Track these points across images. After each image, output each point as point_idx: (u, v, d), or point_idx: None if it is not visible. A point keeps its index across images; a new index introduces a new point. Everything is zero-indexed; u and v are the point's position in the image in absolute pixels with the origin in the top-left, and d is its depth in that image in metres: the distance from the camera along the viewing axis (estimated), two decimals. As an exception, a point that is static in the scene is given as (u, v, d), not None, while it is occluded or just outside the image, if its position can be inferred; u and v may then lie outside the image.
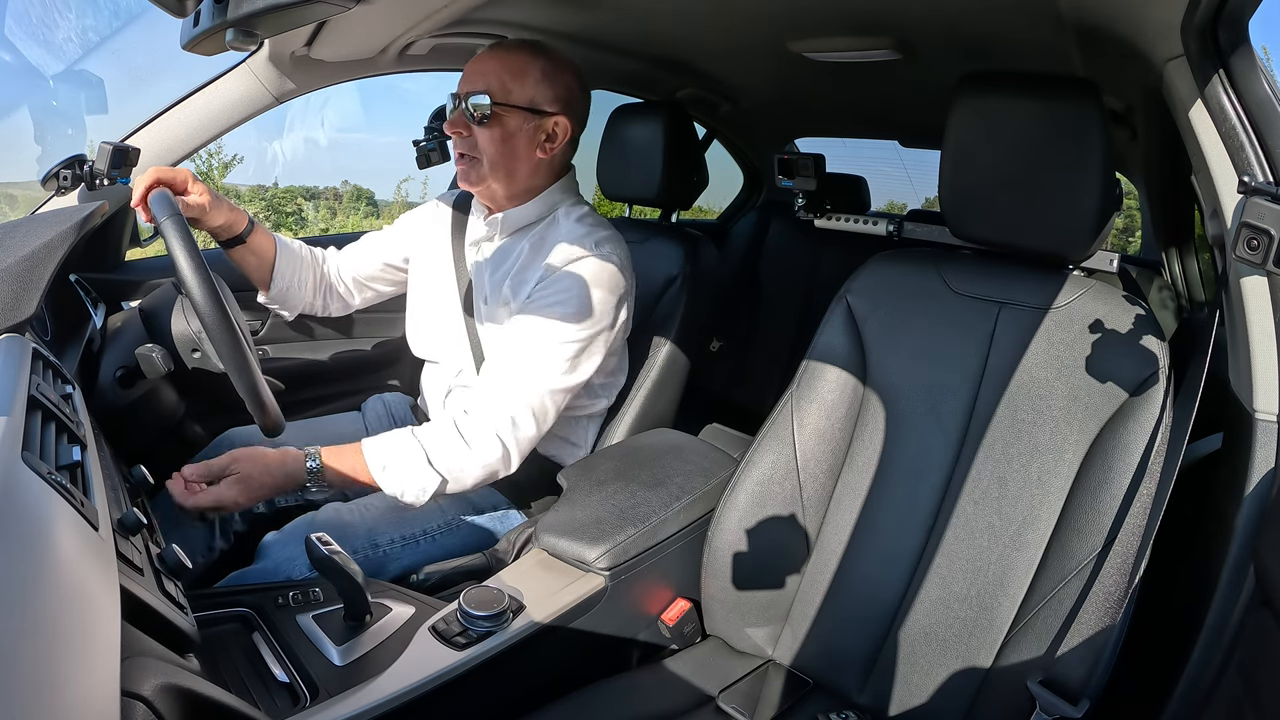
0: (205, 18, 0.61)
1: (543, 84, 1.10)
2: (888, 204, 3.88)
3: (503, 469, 1.07)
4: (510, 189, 1.15)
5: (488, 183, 1.13)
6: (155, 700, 0.43)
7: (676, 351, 1.36)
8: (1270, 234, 0.63)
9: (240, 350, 0.87)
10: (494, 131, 1.09)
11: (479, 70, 1.10)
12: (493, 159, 1.11)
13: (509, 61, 1.09)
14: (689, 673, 0.98)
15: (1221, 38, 0.74)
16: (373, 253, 1.34)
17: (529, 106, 1.09)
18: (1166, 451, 0.82)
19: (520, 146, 1.11)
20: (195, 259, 0.83)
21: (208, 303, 0.83)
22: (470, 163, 1.12)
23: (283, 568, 0.98)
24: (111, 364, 0.99)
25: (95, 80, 1.57)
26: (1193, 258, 1.55)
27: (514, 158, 1.12)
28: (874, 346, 1.03)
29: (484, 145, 1.10)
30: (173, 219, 0.85)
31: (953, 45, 1.26)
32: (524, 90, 1.09)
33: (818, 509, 1.03)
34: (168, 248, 0.84)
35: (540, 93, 1.10)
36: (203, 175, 5.88)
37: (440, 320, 1.26)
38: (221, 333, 0.85)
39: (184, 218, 0.87)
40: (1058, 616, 0.84)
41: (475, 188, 1.16)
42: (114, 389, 0.99)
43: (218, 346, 0.85)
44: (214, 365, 0.97)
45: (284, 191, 6.94)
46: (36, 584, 0.39)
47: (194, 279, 0.83)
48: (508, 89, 1.08)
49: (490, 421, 1.05)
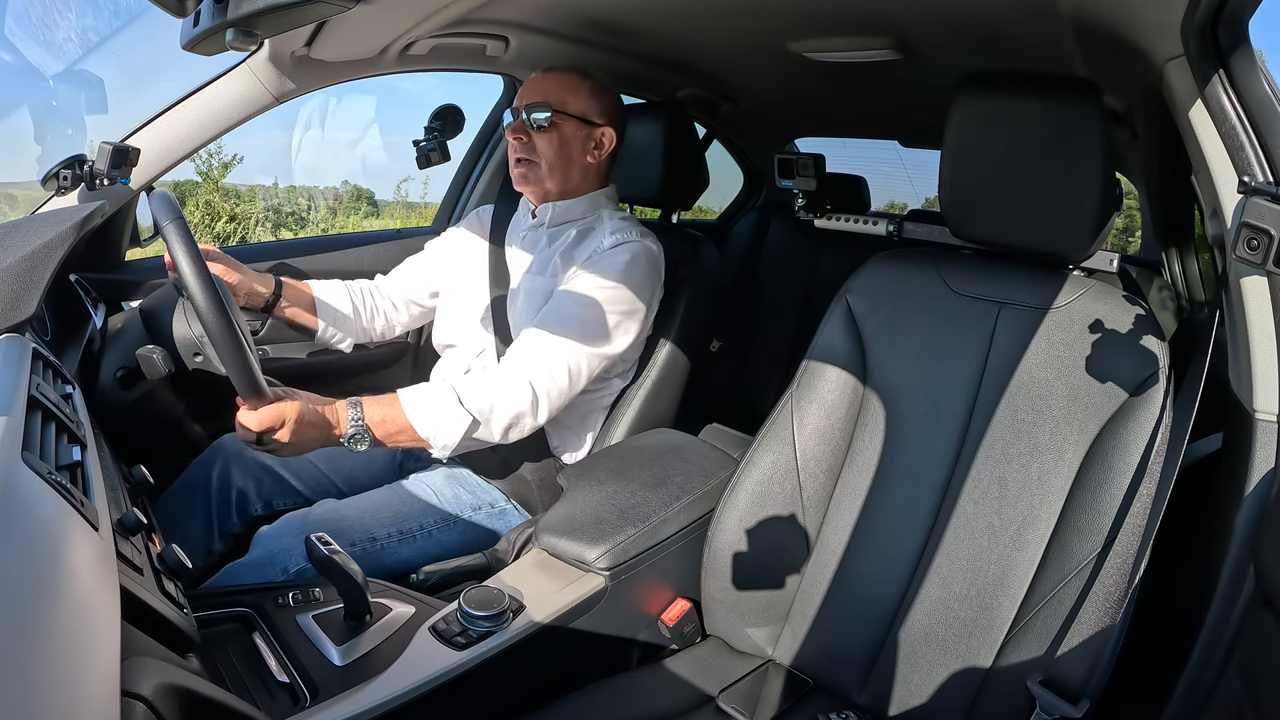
0: (205, 18, 0.61)
1: (592, 99, 1.25)
2: (888, 204, 3.88)
3: (530, 416, 1.10)
4: (563, 188, 1.28)
5: (544, 183, 1.26)
6: (155, 700, 0.43)
7: (676, 351, 1.36)
8: (1270, 234, 0.63)
9: (242, 354, 0.87)
10: (551, 136, 1.23)
11: (538, 87, 1.24)
12: (550, 161, 1.24)
13: (564, 80, 1.25)
14: (689, 673, 0.98)
15: (1221, 38, 0.74)
16: (415, 271, 1.42)
17: (581, 117, 1.24)
18: (1166, 451, 0.82)
19: (574, 151, 1.25)
20: (197, 262, 0.83)
21: (209, 307, 0.83)
22: (529, 166, 1.25)
23: (278, 558, 0.98)
24: (112, 365, 0.99)
25: (95, 80, 1.57)
26: (1193, 258, 1.55)
27: (569, 161, 1.25)
28: (874, 346, 1.03)
29: (542, 150, 1.23)
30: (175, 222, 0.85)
31: (953, 45, 1.26)
32: (577, 104, 1.24)
33: (818, 509, 1.03)
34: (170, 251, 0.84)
35: (590, 106, 1.25)
36: (203, 175, 5.89)
37: (468, 305, 1.32)
38: (223, 337, 0.85)
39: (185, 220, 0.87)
40: (1058, 616, 0.84)
41: (531, 188, 1.28)
42: (114, 389, 0.99)
43: (219, 351, 0.85)
44: (215, 368, 0.96)
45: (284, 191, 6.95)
46: (36, 584, 0.39)
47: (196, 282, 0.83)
48: (564, 101, 1.23)
49: (524, 366, 1.10)
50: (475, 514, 1.18)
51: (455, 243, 1.41)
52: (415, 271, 1.42)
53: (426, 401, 1.04)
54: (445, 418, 1.03)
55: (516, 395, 1.08)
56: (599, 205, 1.31)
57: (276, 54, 1.20)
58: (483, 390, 1.06)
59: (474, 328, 1.30)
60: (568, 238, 1.27)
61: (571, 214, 1.29)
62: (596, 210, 1.30)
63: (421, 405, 1.03)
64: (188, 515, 1.15)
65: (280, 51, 1.19)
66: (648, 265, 1.21)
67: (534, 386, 1.09)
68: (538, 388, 1.09)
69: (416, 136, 1.63)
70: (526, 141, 1.23)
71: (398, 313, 1.42)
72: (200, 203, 5.82)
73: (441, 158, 1.64)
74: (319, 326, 1.32)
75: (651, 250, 1.23)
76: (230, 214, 5.93)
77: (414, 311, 1.43)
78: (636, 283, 1.19)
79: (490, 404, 1.06)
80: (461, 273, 1.36)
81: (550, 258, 1.26)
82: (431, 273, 1.41)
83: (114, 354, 1.00)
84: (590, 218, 1.29)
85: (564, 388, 1.12)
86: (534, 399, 1.09)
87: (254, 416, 0.92)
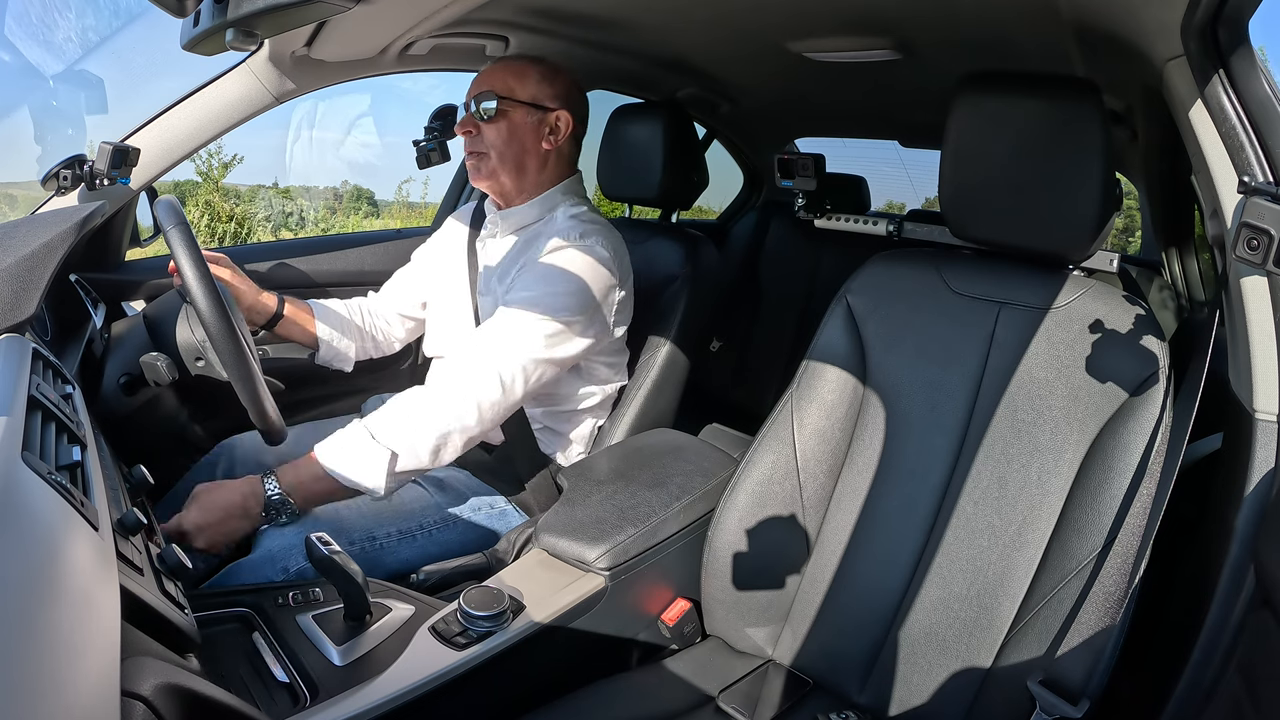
0: (205, 18, 0.61)
1: (542, 83, 1.21)
2: (887, 204, 3.88)
3: (459, 432, 1.05)
4: (520, 182, 1.23)
5: (498, 176, 1.22)
6: (155, 700, 0.43)
7: (676, 351, 1.36)
8: (1270, 234, 0.63)
9: (244, 360, 0.87)
10: (500, 126, 1.19)
11: (484, 77, 1.21)
12: (500, 152, 1.20)
13: (511, 67, 1.21)
14: (689, 673, 0.98)
15: (1221, 38, 0.74)
16: (403, 284, 1.42)
17: (532, 102, 1.20)
18: (1166, 451, 0.82)
19: (526, 139, 1.20)
20: (200, 268, 0.84)
21: (213, 312, 0.84)
22: (479, 158, 1.21)
23: (278, 557, 0.98)
24: (115, 371, 1.00)
25: (95, 80, 1.57)
26: (1193, 258, 1.54)
27: (522, 150, 1.21)
28: (874, 346, 1.03)
29: (491, 140, 1.19)
30: (179, 228, 0.85)
31: (953, 45, 1.26)
32: (526, 89, 1.20)
33: (818, 509, 1.03)
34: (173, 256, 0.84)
35: (541, 90, 1.20)
36: (203, 175, 5.90)
37: (450, 315, 1.30)
38: (226, 342, 0.85)
39: (189, 226, 0.87)
40: (1058, 616, 0.84)
41: (486, 182, 1.24)
42: (117, 396, 0.99)
43: (222, 356, 0.86)
44: (218, 374, 0.97)
45: (284, 191, 6.95)
46: (36, 584, 0.39)
47: (199, 288, 0.83)
48: (511, 88, 1.19)
49: (447, 383, 1.06)
50: (475, 514, 1.18)
51: (438, 250, 1.40)
52: (403, 285, 1.42)
53: (341, 449, 1.02)
54: (363, 459, 1.01)
55: (437, 415, 1.04)
56: (554, 204, 1.25)
57: (276, 54, 1.20)
58: (397, 420, 1.03)
59: (457, 337, 1.27)
60: (515, 248, 1.24)
61: (526, 218, 1.25)
62: (551, 210, 1.24)
63: (337, 454, 1.01)
64: None
65: (280, 51, 1.19)
66: (588, 269, 1.14)
67: (458, 400, 1.05)
68: (464, 401, 1.05)
69: (416, 136, 1.63)
70: (475, 134, 1.20)
71: (393, 328, 1.42)
72: (200, 203, 5.83)
73: (441, 158, 1.64)
74: (320, 348, 1.33)
75: (599, 249, 1.16)
76: (230, 214, 5.94)
77: (409, 325, 1.43)
78: (580, 284, 1.13)
79: (408, 432, 1.03)
80: (443, 281, 1.34)
81: (497, 270, 1.24)
82: (418, 284, 1.40)
83: (117, 360, 1.00)
84: (542, 220, 1.25)
85: (496, 398, 1.07)
86: (459, 414, 1.05)
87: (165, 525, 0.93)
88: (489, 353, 1.08)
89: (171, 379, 0.97)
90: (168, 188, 5.56)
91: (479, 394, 1.06)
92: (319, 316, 1.33)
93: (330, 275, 1.62)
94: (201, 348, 0.98)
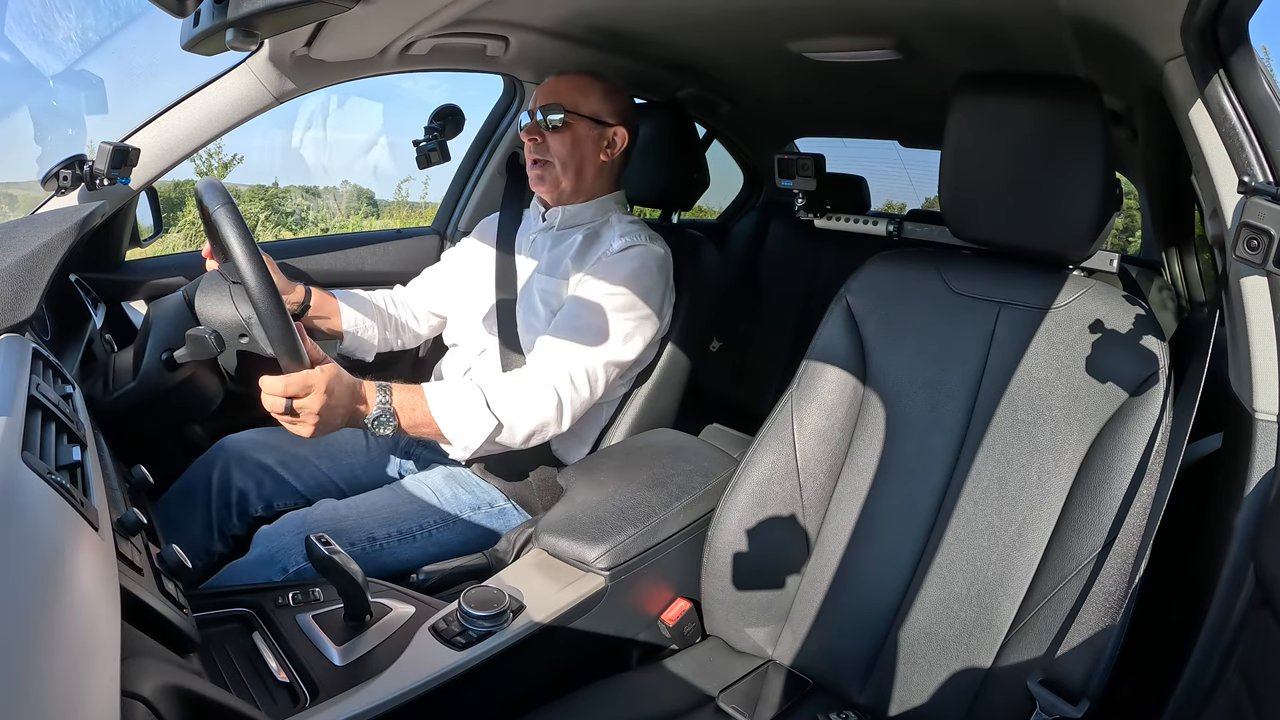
0: (205, 18, 0.61)
1: (605, 100, 1.28)
2: (887, 204, 3.88)
3: (554, 424, 1.10)
4: (577, 187, 1.30)
5: (559, 182, 1.28)
6: (155, 700, 0.43)
7: (676, 351, 1.36)
8: (1270, 234, 0.63)
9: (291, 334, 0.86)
10: (565, 136, 1.26)
11: (551, 90, 1.27)
12: (564, 160, 1.27)
13: (576, 82, 1.28)
14: (689, 673, 0.98)
15: (1221, 38, 0.74)
16: (434, 281, 1.44)
17: (594, 117, 1.27)
18: (1166, 451, 0.82)
19: (587, 150, 1.28)
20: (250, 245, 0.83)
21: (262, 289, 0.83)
22: (544, 166, 1.28)
23: (277, 557, 0.98)
24: (157, 347, 1.01)
25: (95, 80, 1.57)
26: (1193, 258, 1.54)
27: (582, 160, 1.28)
28: (874, 346, 1.03)
29: (556, 149, 1.26)
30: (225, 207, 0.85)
31: (953, 45, 1.26)
32: (589, 104, 1.27)
33: (818, 509, 1.03)
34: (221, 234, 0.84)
35: (603, 107, 1.28)
36: (202, 175, 5.91)
37: (473, 306, 1.33)
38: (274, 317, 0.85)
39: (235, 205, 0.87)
40: (1058, 616, 0.84)
41: (545, 187, 1.30)
42: (159, 370, 1.00)
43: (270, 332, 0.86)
44: (262, 349, 0.99)
45: (284, 191, 6.95)
46: (36, 584, 0.39)
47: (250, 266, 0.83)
48: (576, 103, 1.26)
49: (548, 375, 1.10)
50: (475, 514, 1.18)
51: (468, 252, 1.43)
52: (434, 282, 1.44)
53: (454, 400, 1.03)
54: (471, 419, 1.03)
55: (543, 403, 1.08)
56: (608, 209, 1.32)
57: (276, 54, 1.20)
58: (510, 395, 1.06)
59: (477, 328, 1.31)
60: (576, 240, 1.28)
61: (581, 217, 1.31)
62: (605, 214, 1.32)
63: (448, 403, 1.03)
64: (188, 516, 1.15)
65: (280, 51, 1.19)
66: (657, 269, 1.23)
67: (559, 395, 1.09)
68: (562, 396, 1.09)
69: (416, 136, 1.63)
70: (541, 142, 1.26)
71: (418, 323, 1.44)
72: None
73: (441, 158, 1.64)
74: (344, 337, 1.34)
75: (659, 254, 1.24)
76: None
77: (433, 322, 1.45)
78: (646, 287, 1.20)
79: (516, 410, 1.06)
80: (471, 277, 1.37)
81: (560, 260, 1.27)
82: (448, 282, 1.43)
83: (158, 337, 1.02)
84: (598, 221, 1.31)
85: (585, 397, 1.12)
86: (559, 407, 1.09)
87: (280, 381, 0.89)
88: (579, 351, 1.13)
89: (218, 352, 0.98)
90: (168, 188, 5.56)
91: (573, 393, 1.11)
92: (345, 306, 1.34)
93: (330, 275, 1.62)
94: (246, 324, 0.99)
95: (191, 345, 0.98)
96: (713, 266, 1.46)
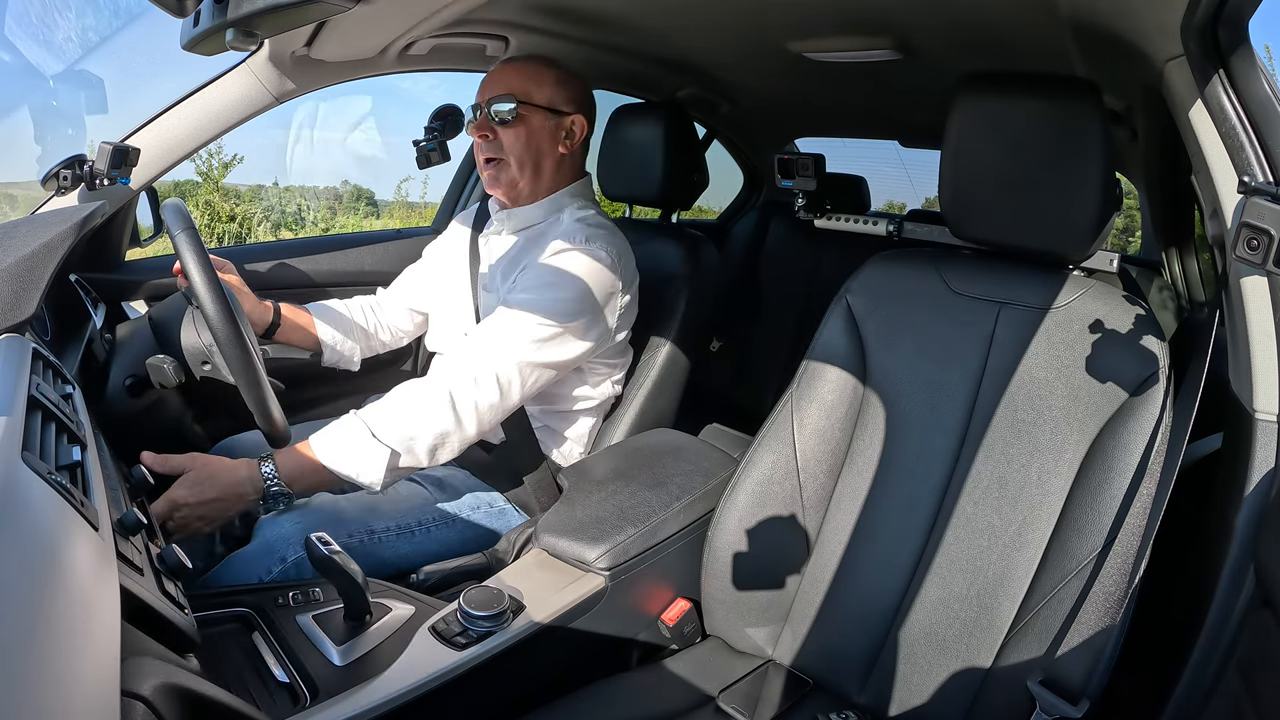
0: (205, 18, 0.61)
1: (559, 87, 1.19)
2: (887, 204, 3.88)
3: (457, 431, 1.04)
4: (535, 186, 1.22)
5: (516, 182, 1.20)
6: (155, 700, 0.43)
7: (676, 351, 1.36)
8: (1270, 234, 0.63)
9: (251, 364, 0.87)
10: (519, 130, 1.17)
11: (499, 79, 1.18)
12: (519, 157, 1.18)
13: (527, 69, 1.19)
14: (689, 673, 0.98)
15: (1221, 38, 0.74)
16: (414, 279, 1.42)
17: (549, 106, 1.18)
18: (1166, 451, 0.82)
19: (544, 144, 1.19)
20: (208, 273, 0.84)
21: (220, 317, 0.84)
22: (498, 166, 1.19)
23: (276, 546, 0.98)
24: (120, 373, 0.99)
25: (95, 80, 1.57)
26: (1193, 258, 1.54)
27: (540, 154, 1.19)
28: (874, 346, 1.03)
29: (509, 145, 1.17)
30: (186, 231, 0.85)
31: (953, 45, 1.26)
32: (543, 93, 1.17)
33: (818, 509, 1.03)
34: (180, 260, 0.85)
35: (557, 94, 1.19)
36: (203, 175, 5.90)
37: (452, 311, 1.31)
38: (233, 347, 0.85)
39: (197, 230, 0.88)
40: (1058, 616, 0.84)
41: (502, 189, 1.22)
42: (122, 397, 0.99)
43: (229, 360, 0.86)
44: (224, 376, 0.97)
45: (284, 191, 6.95)
46: (36, 584, 0.39)
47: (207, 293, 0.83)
48: (528, 91, 1.16)
49: (444, 381, 1.05)
50: (474, 513, 1.18)
51: (445, 248, 1.40)
52: (414, 279, 1.42)
53: (340, 443, 1.00)
54: (362, 455, 1.00)
55: (435, 413, 1.03)
56: (560, 206, 1.24)
57: (276, 54, 1.20)
58: (396, 417, 1.02)
59: (458, 335, 1.28)
60: (518, 246, 1.23)
61: (531, 218, 1.24)
62: (557, 212, 1.24)
63: (335, 448, 1.00)
64: None
65: (280, 51, 1.19)
66: (590, 272, 1.13)
67: (454, 399, 1.04)
68: (460, 400, 1.04)
69: (416, 136, 1.63)
70: (493, 139, 1.17)
71: (402, 322, 1.43)
72: (200, 202, 5.83)
73: (441, 158, 1.64)
74: (324, 352, 1.33)
75: (601, 253, 1.14)
76: (230, 214, 5.95)
77: (417, 320, 1.44)
78: (582, 288, 1.11)
79: (405, 430, 1.02)
80: (446, 279, 1.35)
81: (500, 268, 1.24)
82: (428, 279, 1.41)
83: (122, 362, 1.00)
84: (548, 220, 1.24)
85: (494, 401, 1.06)
86: (456, 415, 1.04)
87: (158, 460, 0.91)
88: (487, 354, 1.08)
89: (178, 381, 0.97)
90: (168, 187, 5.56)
91: (477, 396, 1.05)
92: (319, 320, 1.32)
93: (330, 275, 1.62)
94: (208, 351, 0.97)
95: (151, 374, 0.96)
96: (713, 266, 1.46)
